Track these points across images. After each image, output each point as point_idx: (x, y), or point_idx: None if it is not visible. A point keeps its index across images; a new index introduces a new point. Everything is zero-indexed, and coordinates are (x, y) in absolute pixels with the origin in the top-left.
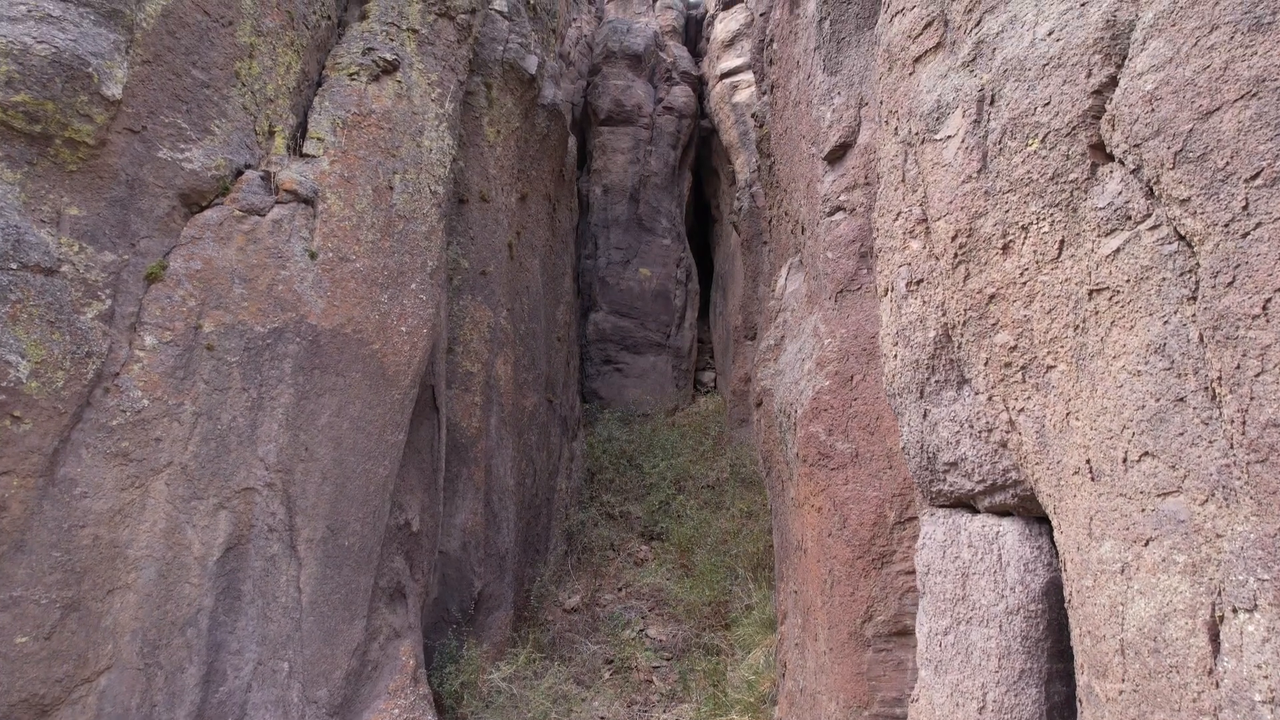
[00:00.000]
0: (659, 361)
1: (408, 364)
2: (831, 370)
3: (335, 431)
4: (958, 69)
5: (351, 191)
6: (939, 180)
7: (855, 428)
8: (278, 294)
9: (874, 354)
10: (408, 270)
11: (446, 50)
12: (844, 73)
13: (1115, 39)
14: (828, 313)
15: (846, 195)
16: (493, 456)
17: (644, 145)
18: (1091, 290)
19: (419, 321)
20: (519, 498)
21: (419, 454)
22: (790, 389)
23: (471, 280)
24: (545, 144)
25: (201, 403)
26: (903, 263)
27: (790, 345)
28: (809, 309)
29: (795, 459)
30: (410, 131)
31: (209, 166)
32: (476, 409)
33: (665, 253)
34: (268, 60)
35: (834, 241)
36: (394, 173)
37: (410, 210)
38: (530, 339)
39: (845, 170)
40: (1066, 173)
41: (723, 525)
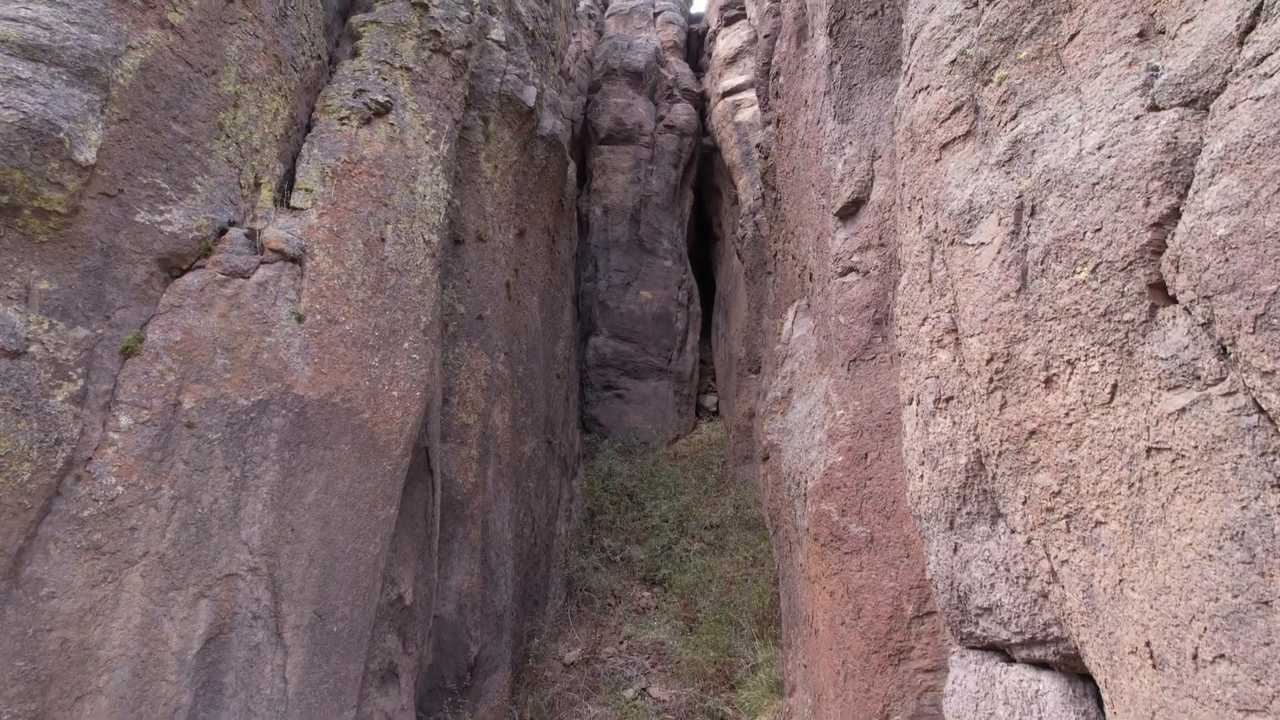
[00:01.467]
0: (660, 387)
1: (399, 432)
2: (844, 445)
3: (323, 509)
4: (992, 167)
5: (341, 247)
6: (971, 290)
7: (870, 510)
8: (262, 363)
9: (890, 430)
10: (400, 329)
11: (441, 88)
12: (856, 121)
13: (1177, 164)
14: (840, 380)
15: (859, 256)
16: (490, 511)
17: (645, 164)
18: (1150, 448)
19: (412, 384)
20: (517, 550)
21: (412, 520)
22: (800, 456)
23: (468, 325)
24: (544, 176)
25: (180, 485)
26: (930, 374)
27: (799, 403)
28: (819, 368)
29: (805, 533)
30: (403, 177)
31: (190, 227)
32: (473, 463)
33: (666, 274)
34: (253, 108)
35: (846, 305)
36: (386, 223)
37: (403, 263)
38: (529, 380)
39: (858, 229)
40: (1121, 311)
41: (726, 571)
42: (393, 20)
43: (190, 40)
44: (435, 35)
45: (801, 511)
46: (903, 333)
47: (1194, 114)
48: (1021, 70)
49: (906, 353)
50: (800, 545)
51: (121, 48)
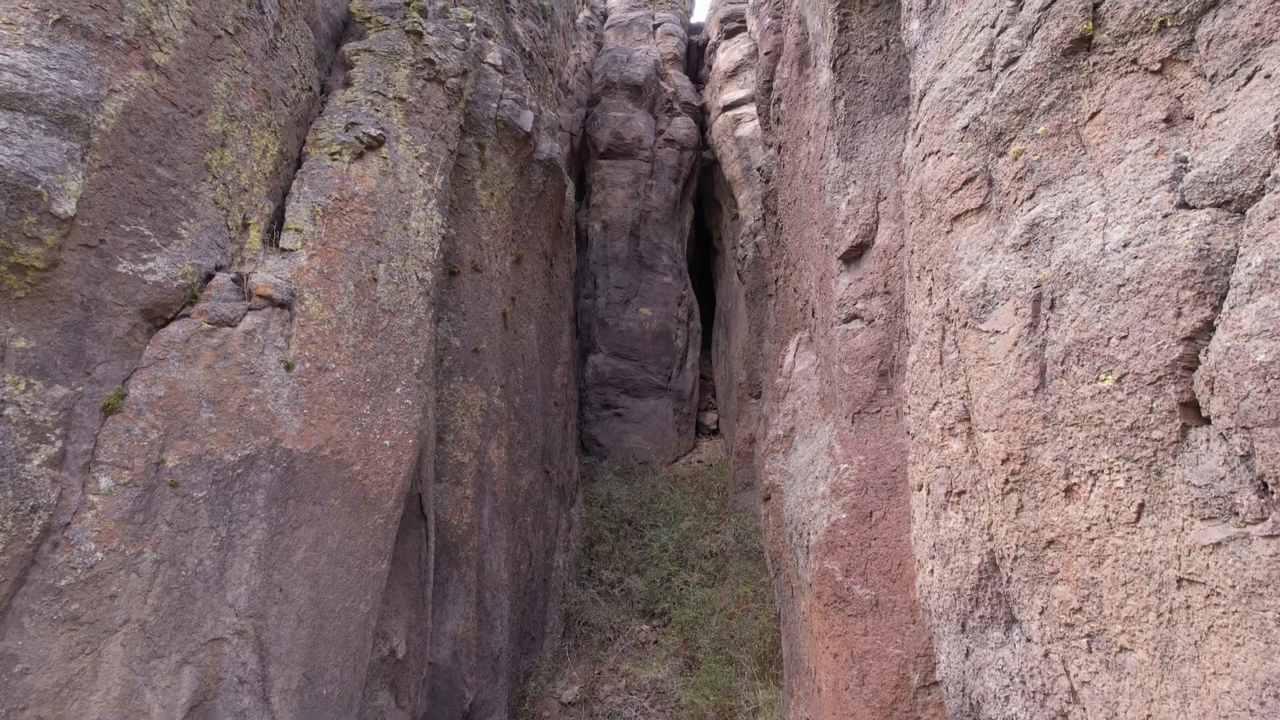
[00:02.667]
0: (660, 405)
1: (391, 483)
2: (848, 502)
3: (312, 568)
4: (1007, 249)
5: (332, 289)
6: (985, 380)
7: (875, 571)
8: (250, 416)
9: (895, 489)
10: (392, 373)
11: (436, 118)
12: (860, 160)
13: (1211, 273)
14: (844, 432)
15: (864, 303)
16: (485, 552)
17: (644, 179)
18: (1181, 578)
19: (404, 431)
20: (514, 588)
21: (405, 568)
22: (802, 506)
23: (463, 360)
24: (541, 200)
25: (164, 548)
26: (941, 463)
27: (802, 446)
28: (822, 411)
29: (809, 587)
30: (396, 213)
31: (175, 275)
32: (468, 503)
33: (666, 291)
34: (242, 146)
35: (850, 354)
36: (378, 262)
37: (396, 303)
38: (526, 412)
39: (863, 274)
40: (1149, 427)
41: (726, 604)
42: (386, 48)
43: (176, 80)
44: (429, 64)
45: (804, 563)
46: (912, 413)
47: (1228, 218)
48: (1039, 146)
49: (916, 436)
50: (803, 594)
51: (103, 92)
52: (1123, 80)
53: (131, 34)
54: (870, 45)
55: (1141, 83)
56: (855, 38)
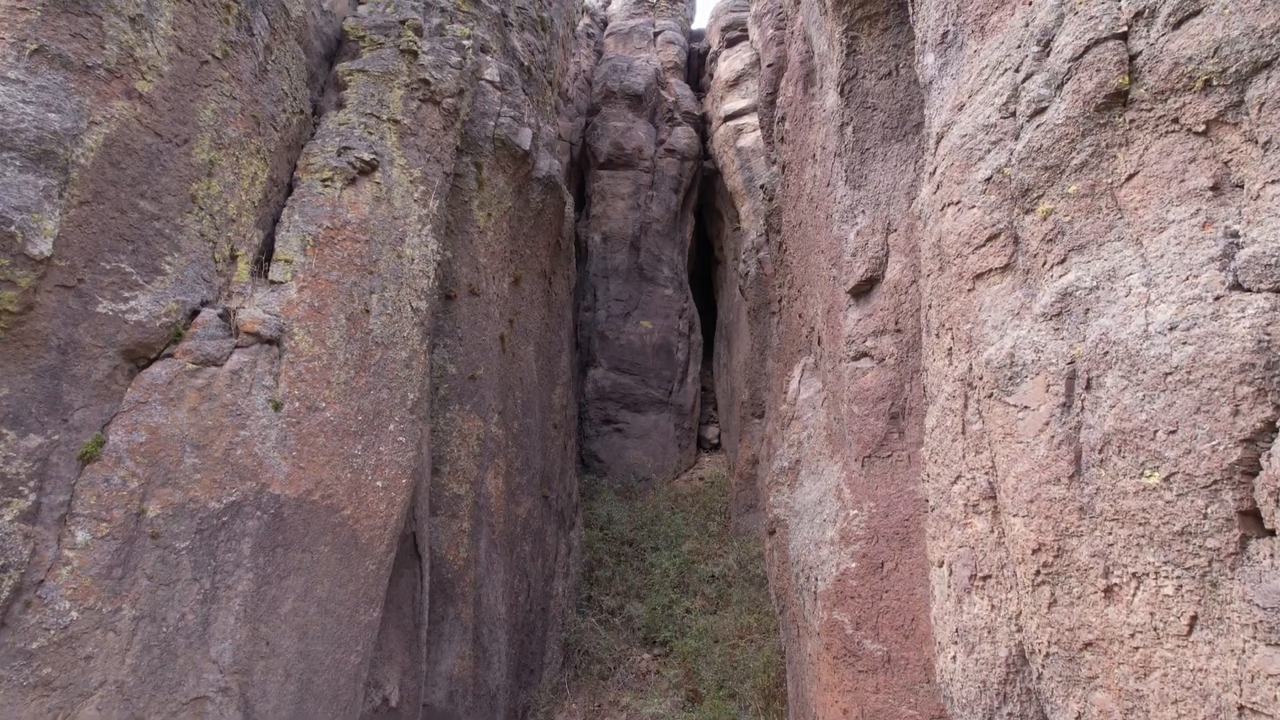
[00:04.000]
0: (661, 420)
1: (383, 526)
2: (859, 550)
3: (300, 619)
4: (1037, 317)
5: (323, 324)
6: (1013, 459)
7: (887, 626)
8: (236, 460)
9: (908, 539)
10: (385, 409)
11: (431, 140)
12: (869, 189)
13: (1272, 368)
14: (853, 476)
15: (874, 341)
16: (482, 586)
17: (645, 190)
18: (1243, 706)
19: (397, 471)
20: (512, 621)
21: (399, 610)
22: (810, 549)
23: (460, 387)
24: (540, 219)
25: (143, 604)
26: (964, 543)
27: (808, 483)
28: (829, 448)
29: (817, 636)
30: (390, 240)
31: (158, 314)
32: (464, 536)
33: (667, 303)
34: (229, 175)
35: (859, 394)
36: (371, 293)
37: (389, 335)
38: (524, 437)
39: (872, 310)
40: (1202, 534)
41: (729, 632)
42: (380, 69)
43: (160, 109)
44: (425, 84)
45: (811, 608)
46: (931, 482)
47: None
48: (1070, 207)
49: (937, 509)
50: (810, 638)
51: (83, 124)
52: (1163, 140)
53: (113, 63)
54: (879, 70)
55: (1184, 144)
56: (864, 62)
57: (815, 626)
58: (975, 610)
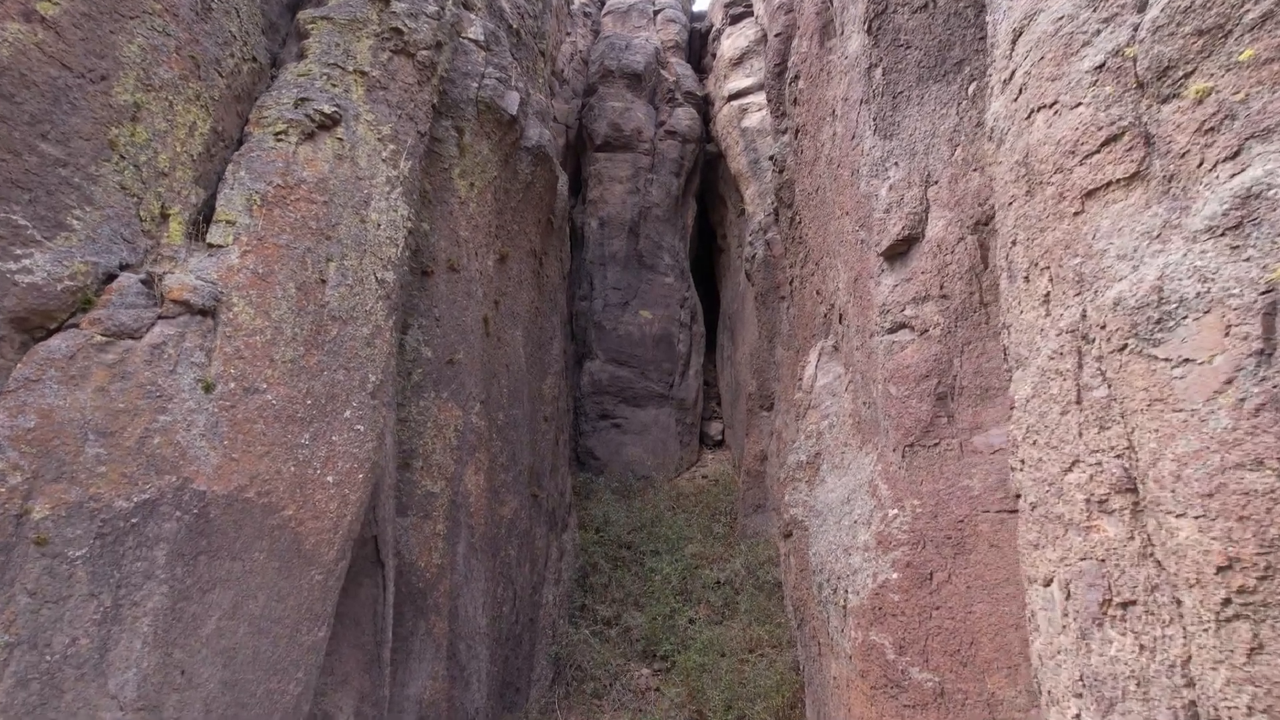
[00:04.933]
0: (661, 415)
1: (334, 529)
2: (900, 558)
3: (226, 641)
4: (1197, 238)
5: (268, 293)
6: (1169, 434)
7: (938, 650)
8: (152, 450)
9: (964, 545)
10: (341, 393)
11: (404, 95)
12: (902, 137)
13: None
14: (892, 469)
15: (914, 310)
16: (459, 596)
17: (644, 173)
18: None
19: (353, 464)
20: (494, 635)
21: (356, 626)
22: (837, 555)
23: (436, 372)
24: (529, 192)
25: (21, 627)
26: (1087, 554)
27: (832, 478)
28: (858, 438)
29: (847, 659)
30: (353, 203)
31: (59, 275)
32: (439, 540)
33: (668, 292)
34: (160, 122)
35: (898, 373)
36: (328, 260)
37: (348, 309)
38: (510, 430)
39: (911, 274)
40: None
41: (737, 644)
42: (347, 16)
43: (69, 38)
44: (397, 33)
45: (840, 626)
46: (1026, 470)
47: None
48: (1243, 80)
49: (1039, 506)
50: (836, 659)
51: None
52: None
53: None
54: (913, 2)
55: None
56: None
57: (846, 648)
58: (1113, 651)
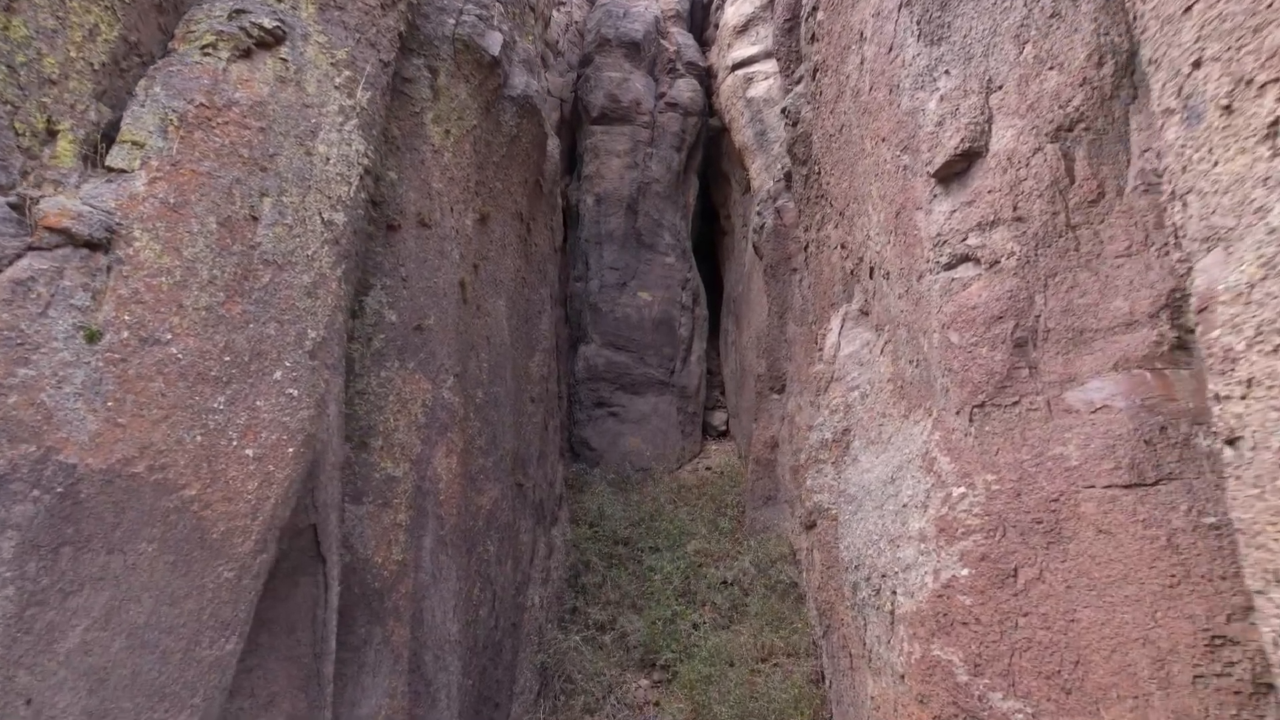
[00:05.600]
0: (661, 403)
1: (252, 514)
2: (972, 550)
3: (96, 659)
4: None
5: (180, 227)
6: None
7: (1029, 671)
8: (7, 412)
9: (1059, 531)
10: (270, 349)
11: (364, 18)
12: (954, 40)
13: None
14: (955, 438)
15: (980, 238)
16: (425, 598)
17: (643, 147)
18: None
19: (282, 435)
20: (468, 643)
21: (289, 634)
22: (879, 547)
23: (401, 339)
24: (515, 147)
25: None
26: None
27: (868, 456)
28: (904, 407)
29: (898, 677)
30: (297, 133)
31: None
32: (400, 532)
33: (668, 273)
34: (47, 19)
35: (960, 316)
36: (262, 195)
37: (285, 252)
38: (490, 409)
39: (974, 195)
40: None
41: (747, 652)
42: None
43: None
44: None
45: (885, 637)
46: (1254, 396)
47: None
48: None
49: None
50: (879, 676)
51: None
52: None
53: None
54: None
55: None
56: None
57: (895, 662)
58: None
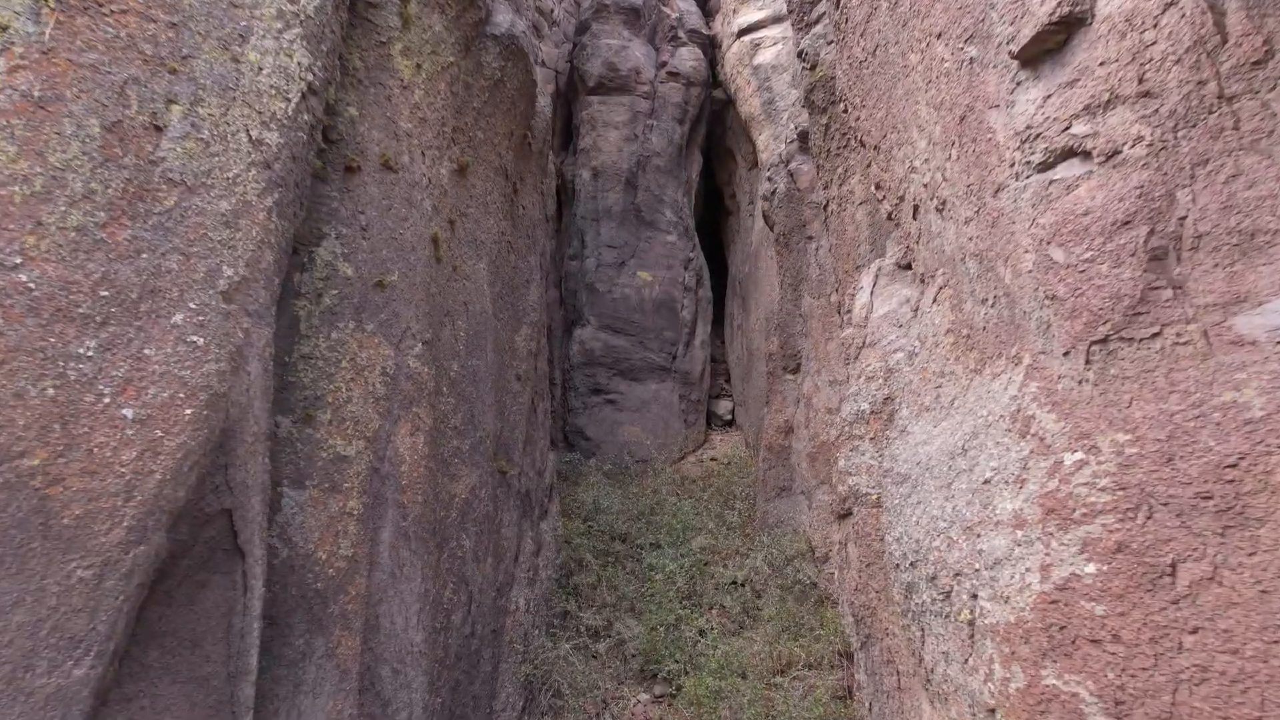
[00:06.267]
0: (662, 390)
1: (126, 492)
2: (1103, 537)
3: None
4: None
5: (47, 127)
6: None
7: (1207, 717)
8: None
9: (1242, 511)
10: (169, 286)
11: None
12: None
13: None
14: (1061, 386)
15: (1089, 124)
16: (381, 601)
17: (643, 118)
18: None
19: (178, 392)
20: (436, 654)
21: (194, 650)
22: (951, 538)
23: (358, 297)
24: (498, 93)
25: None
26: None
27: (921, 425)
28: (975, 360)
29: (983, 712)
30: (221, 34)
31: None
32: (350, 522)
33: (670, 252)
34: None
35: (1066, 225)
36: (169, 101)
37: (199, 173)
38: (467, 384)
39: (1078, 72)
40: None
41: (761, 663)
42: None
43: None
44: None
45: (962, 654)
46: None
47: None
48: None
49: None
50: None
51: None
52: None
53: None
54: None
55: None
56: None
57: (980, 691)
58: None
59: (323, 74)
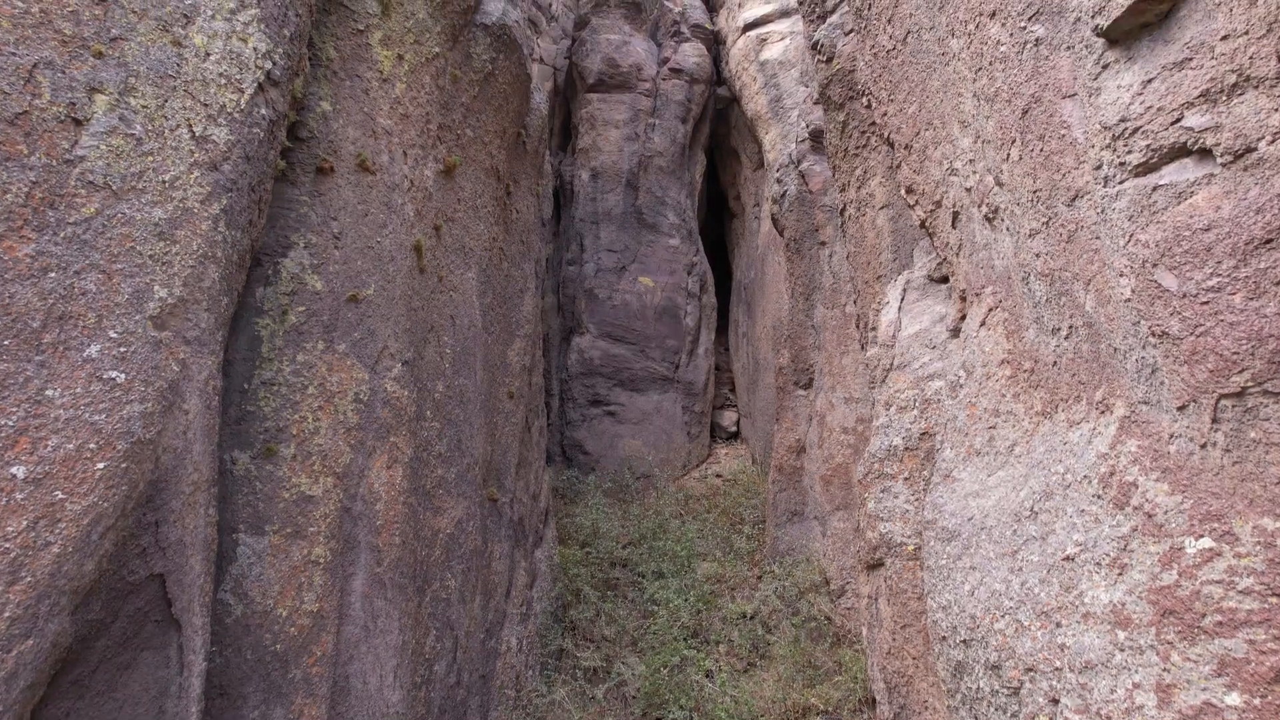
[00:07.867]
0: (664, 401)
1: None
2: (1252, 658)
3: None
4: None
5: None
6: None
7: None
8: None
9: None
10: (83, 312)
11: None
12: None
13: None
14: (1176, 449)
15: (1209, 114)
16: (352, 660)
17: (645, 117)
18: None
19: (90, 442)
20: (417, 712)
21: None
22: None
23: (328, 314)
24: (489, 87)
25: None
26: None
27: (970, 473)
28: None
29: None
30: (161, 15)
31: None
32: (316, 572)
33: (673, 256)
34: None
35: (1181, 243)
36: (92, 90)
37: (127, 175)
38: (454, 406)
39: (1189, 50)
40: None
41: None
42: None
43: None
44: None
45: None
46: None
47: None
48: None
49: None
50: None
51: None
52: None
53: None
54: None
55: None
56: None
57: None
58: None
59: (285, 62)
